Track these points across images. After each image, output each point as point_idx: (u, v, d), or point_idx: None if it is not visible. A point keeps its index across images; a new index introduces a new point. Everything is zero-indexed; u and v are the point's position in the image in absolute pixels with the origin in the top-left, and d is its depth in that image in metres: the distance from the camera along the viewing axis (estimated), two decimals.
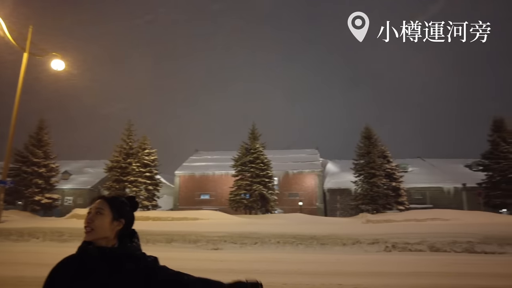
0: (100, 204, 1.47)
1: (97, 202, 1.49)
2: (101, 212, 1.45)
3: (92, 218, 1.43)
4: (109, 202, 1.50)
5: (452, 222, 15.70)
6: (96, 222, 1.42)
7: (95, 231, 1.41)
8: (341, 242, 10.77)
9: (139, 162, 28.22)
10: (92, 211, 1.46)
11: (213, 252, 10.30)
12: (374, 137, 30.33)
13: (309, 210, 35.96)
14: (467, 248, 10.10)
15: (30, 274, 6.80)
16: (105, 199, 1.51)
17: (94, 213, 1.44)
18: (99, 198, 1.52)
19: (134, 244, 1.50)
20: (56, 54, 19.29)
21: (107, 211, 1.47)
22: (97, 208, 1.46)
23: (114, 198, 1.54)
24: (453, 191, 37.49)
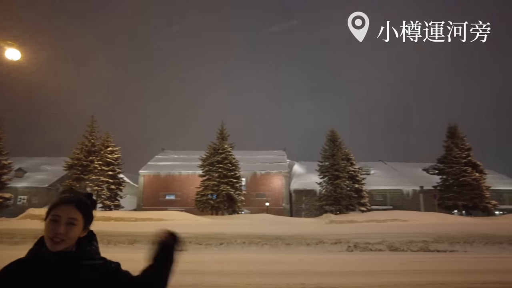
0: (73, 214, 1.31)
1: (67, 209, 1.31)
2: (74, 223, 1.30)
3: (65, 231, 1.27)
4: (82, 211, 1.35)
5: (410, 223, 16.54)
6: (69, 234, 1.28)
7: (66, 242, 1.27)
8: (305, 242, 10.98)
9: (101, 160, 27.09)
10: (61, 220, 1.28)
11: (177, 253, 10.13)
12: (338, 140, 31.30)
13: (275, 211, 36.33)
14: (422, 247, 10.68)
15: None
16: (77, 207, 1.34)
17: (66, 224, 1.28)
18: (66, 202, 1.34)
19: (93, 247, 1.38)
20: (11, 42, 18.08)
21: (81, 221, 1.33)
22: (70, 219, 1.29)
23: (85, 205, 1.38)
24: (412, 193, 39.48)
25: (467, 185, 29.85)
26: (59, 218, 1.28)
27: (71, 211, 1.31)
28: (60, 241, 1.25)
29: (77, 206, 1.34)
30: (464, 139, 32.97)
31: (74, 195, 1.38)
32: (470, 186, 29.75)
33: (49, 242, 1.26)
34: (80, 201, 1.36)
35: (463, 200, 29.70)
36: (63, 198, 1.35)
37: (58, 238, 1.25)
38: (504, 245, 11.29)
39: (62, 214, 1.29)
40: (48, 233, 1.26)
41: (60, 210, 1.30)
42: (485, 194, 29.69)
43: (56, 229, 1.26)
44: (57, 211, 1.29)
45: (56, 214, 1.29)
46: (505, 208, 36.12)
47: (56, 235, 1.25)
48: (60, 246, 1.26)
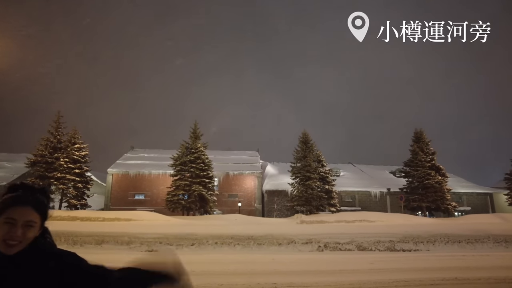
0: (31, 217, 1.21)
1: (23, 212, 1.20)
2: (32, 225, 1.21)
3: (22, 233, 1.18)
4: (40, 212, 1.25)
5: (377, 224, 17.13)
6: (26, 236, 1.19)
7: (22, 244, 1.19)
8: (277, 242, 11.09)
9: (67, 158, 25.93)
10: (17, 224, 1.18)
11: (147, 254, 9.89)
12: (310, 142, 31.90)
13: (247, 211, 36.39)
14: (389, 246, 11.09)
15: None
16: (35, 209, 1.23)
17: (23, 226, 1.19)
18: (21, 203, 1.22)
19: (48, 240, 1.31)
20: None
21: (38, 222, 1.24)
22: (27, 222, 1.20)
23: (43, 205, 1.28)
24: (379, 195, 40.91)
25: (430, 188, 31.38)
26: (15, 222, 1.18)
27: (28, 213, 1.21)
28: (15, 244, 1.17)
29: (35, 207, 1.23)
30: (429, 144, 34.66)
31: (30, 194, 1.25)
32: (433, 188, 31.30)
33: (3, 245, 1.16)
34: (38, 202, 1.26)
35: (427, 201, 31.19)
36: (18, 199, 1.22)
37: (14, 241, 1.16)
38: (462, 243, 11.99)
39: (18, 218, 1.18)
40: (2, 235, 1.16)
41: (15, 213, 1.19)
42: (447, 196, 31.36)
43: (12, 232, 1.16)
44: (12, 214, 1.19)
45: (11, 217, 1.18)
46: (463, 209, 38.36)
47: (11, 238, 1.16)
48: (15, 249, 1.17)
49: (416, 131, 35.50)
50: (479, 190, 42.76)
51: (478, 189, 43.11)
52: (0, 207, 1.21)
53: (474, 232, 12.68)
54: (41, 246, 1.26)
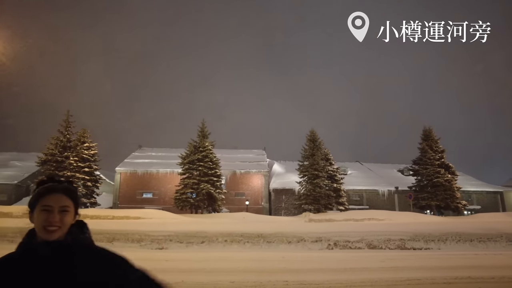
0: (65, 202, 1.28)
1: (57, 198, 1.27)
2: (67, 210, 1.27)
3: (60, 218, 1.24)
4: (72, 197, 1.32)
5: (386, 222, 17.01)
6: (64, 221, 1.25)
7: (61, 230, 1.24)
8: (287, 240, 11.08)
9: (77, 156, 26.19)
10: (54, 210, 1.24)
11: (158, 251, 9.97)
12: (318, 140, 31.71)
13: (254, 210, 36.41)
14: (399, 245, 11.02)
15: None
16: (67, 194, 1.30)
17: (59, 212, 1.25)
18: (54, 190, 1.28)
19: (86, 235, 1.35)
20: None
21: (72, 208, 1.30)
22: (62, 207, 1.26)
23: (73, 191, 1.34)
24: (387, 193, 40.61)
25: (440, 186, 31.03)
26: (52, 208, 1.24)
27: (62, 199, 1.28)
28: (55, 229, 1.23)
29: (66, 193, 1.30)
30: (438, 142, 34.27)
31: (59, 183, 1.33)
32: (443, 187, 30.95)
33: (43, 231, 1.22)
34: (68, 188, 1.33)
35: (436, 200, 30.86)
36: (50, 187, 1.29)
37: (53, 227, 1.22)
38: (474, 242, 11.85)
39: (53, 204, 1.25)
40: (40, 222, 1.22)
41: (50, 200, 1.26)
42: (457, 195, 30.99)
43: (50, 218, 1.22)
44: (48, 201, 1.25)
45: (47, 204, 1.25)
46: (473, 208, 37.90)
47: (50, 224, 1.22)
48: (55, 235, 1.23)
49: (425, 129, 35.12)
50: (489, 189, 42.21)
51: (488, 187, 42.55)
52: (35, 198, 1.28)
53: (486, 230, 12.53)
54: (80, 240, 1.30)
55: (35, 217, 1.25)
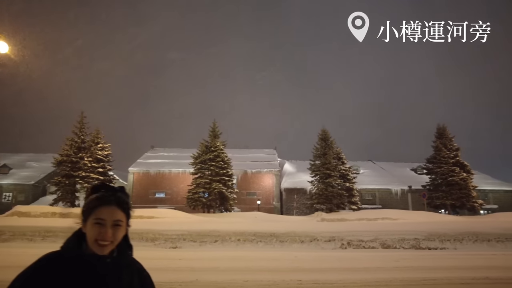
0: (118, 216, 1.25)
1: (111, 212, 1.24)
2: (120, 225, 1.25)
3: (112, 233, 1.22)
4: (125, 211, 1.29)
5: (400, 221, 16.80)
6: (116, 236, 1.24)
7: (113, 244, 1.24)
8: (299, 240, 11.05)
9: (91, 157, 26.66)
10: (106, 224, 1.22)
11: (172, 250, 10.07)
12: (330, 139, 31.48)
13: (266, 209, 36.42)
14: (414, 244, 10.87)
15: None
16: (120, 208, 1.27)
17: (111, 226, 1.23)
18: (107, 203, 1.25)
19: (129, 252, 1.35)
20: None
21: (125, 221, 1.28)
22: (115, 221, 1.24)
23: (126, 203, 1.31)
24: (400, 192, 40.09)
25: (455, 185, 30.45)
26: (104, 222, 1.22)
27: (115, 212, 1.25)
28: (107, 244, 1.22)
29: (120, 206, 1.27)
30: (452, 140, 33.61)
31: (112, 194, 1.29)
32: (458, 185, 30.35)
33: (95, 245, 1.21)
34: (121, 200, 1.29)
35: (451, 199, 30.29)
36: (103, 199, 1.26)
37: (106, 242, 1.21)
38: (492, 242, 11.59)
39: (106, 218, 1.23)
40: (94, 236, 1.21)
41: (103, 213, 1.23)
42: (472, 194, 30.35)
43: (103, 233, 1.21)
44: (101, 215, 1.23)
45: (100, 217, 1.22)
46: (489, 207, 37.06)
47: (103, 239, 1.21)
48: (107, 250, 1.22)
49: (439, 126, 34.48)
50: (506, 188, 41.22)
51: (505, 186, 41.57)
52: (87, 208, 1.25)
53: (504, 230, 12.24)
54: (127, 256, 1.32)
55: (88, 228, 1.23)
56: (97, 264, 1.21)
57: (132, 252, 1.36)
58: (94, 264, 1.21)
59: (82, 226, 1.27)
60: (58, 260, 1.21)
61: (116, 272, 1.25)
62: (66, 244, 1.26)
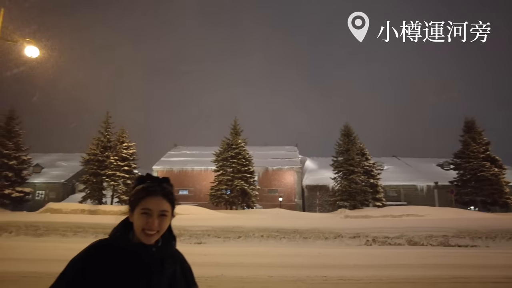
0: (164, 206, 1.28)
1: (157, 202, 1.27)
2: (165, 215, 1.28)
3: (158, 223, 1.25)
4: (170, 201, 1.32)
5: (427, 218, 16.31)
6: (162, 226, 1.27)
7: (158, 234, 1.27)
8: (323, 236, 10.96)
9: (117, 156, 27.44)
10: (153, 214, 1.25)
11: (197, 246, 10.24)
12: (353, 134, 30.88)
13: (288, 206, 36.32)
14: (442, 241, 10.54)
15: (5, 269, 6.51)
16: (166, 198, 1.30)
17: (158, 216, 1.26)
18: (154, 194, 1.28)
19: (173, 242, 1.37)
20: (30, 40, 18.43)
21: (170, 211, 1.31)
22: (162, 211, 1.27)
23: (171, 194, 1.34)
24: (426, 189, 38.94)
25: (485, 180, 29.20)
26: (151, 212, 1.25)
27: (161, 203, 1.28)
28: (154, 234, 1.25)
29: (165, 197, 1.30)
30: (482, 134, 32.19)
31: (158, 184, 1.32)
32: (489, 181, 29.08)
33: (142, 234, 1.25)
34: (167, 191, 1.32)
35: (482, 195, 29.09)
36: (150, 190, 1.29)
37: (152, 231, 1.24)
38: None
39: (153, 208, 1.26)
40: (141, 225, 1.24)
41: (150, 203, 1.26)
42: (505, 190, 29.01)
43: (150, 223, 1.24)
44: (148, 205, 1.26)
45: (147, 208, 1.25)
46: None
47: (150, 228, 1.24)
48: (153, 239, 1.26)
49: (467, 120, 33.10)
50: None
51: None
52: (135, 198, 1.29)
53: None
54: (171, 246, 1.36)
55: (135, 218, 1.27)
56: (143, 253, 1.25)
57: (175, 242, 1.39)
58: (140, 253, 1.25)
59: (129, 215, 1.31)
60: (106, 248, 1.26)
61: (160, 261, 1.29)
62: (114, 232, 1.31)
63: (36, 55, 19.07)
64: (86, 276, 1.19)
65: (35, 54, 19.06)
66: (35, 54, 19.08)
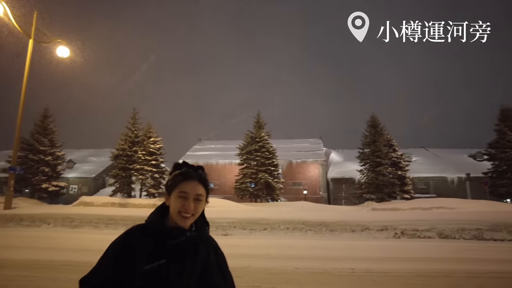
0: (199, 191, 1.35)
1: (193, 186, 1.34)
2: (200, 199, 1.35)
3: (194, 207, 1.32)
4: (205, 186, 1.39)
5: (459, 211, 15.73)
6: (197, 209, 1.34)
7: (193, 217, 1.34)
8: (350, 229, 10.81)
9: (144, 150, 28.22)
10: (189, 197, 1.32)
11: (223, 237, 10.39)
12: (380, 126, 30.11)
13: (312, 199, 36.13)
14: (476, 235, 10.13)
15: (46, 257, 6.91)
16: (201, 183, 1.37)
17: (194, 200, 1.33)
18: (190, 178, 1.35)
19: (206, 228, 1.44)
20: (61, 40, 19.19)
21: (205, 196, 1.38)
22: (197, 195, 1.34)
23: (206, 179, 1.40)
24: (457, 180, 37.50)
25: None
26: (187, 195, 1.32)
27: (197, 187, 1.34)
28: (189, 217, 1.31)
29: (201, 181, 1.37)
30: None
31: (194, 170, 1.39)
32: None
33: (178, 216, 1.31)
34: (202, 177, 1.39)
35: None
36: (187, 175, 1.36)
37: (188, 214, 1.30)
38: None
39: (189, 191, 1.32)
40: (177, 208, 1.31)
41: (187, 187, 1.33)
42: None
43: (186, 205, 1.31)
44: (184, 188, 1.33)
45: (184, 191, 1.32)
46: None
47: (186, 211, 1.30)
48: (189, 221, 1.32)
49: (503, 108, 31.41)
50: None
51: None
52: (172, 182, 1.36)
53: None
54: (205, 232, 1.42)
55: (172, 201, 1.34)
56: (177, 237, 1.31)
57: (209, 228, 1.44)
58: (175, 236, 1.31)
59: (165, 199, 1.38)
60: (143, 232, 1.33)
61: (195, 245, 1.34)
62: (151, 218, 1.37)
63: (66, 55, 19.81)
64: (124, 257, 1.27)
65: (66, 54, 19.79)
66: (66, 54, 19.81)
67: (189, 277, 1.28)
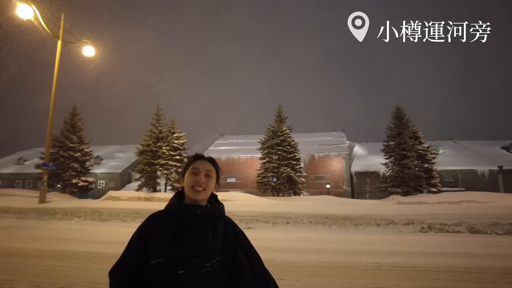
0: (209, 167, 1.51)
1: (203, 163, 1.50)
2: (210, 175, 1.49)
3: (205, 180, 1.45)
4: (215, 165, 1.55)
5: (490, 205, 15.10)
6: (208, 183, 1.46)
7: (205, 192, 1.45)
8: (375, 223, 10.64)
9: (168, 146, 28.72)
10: (200, 172, 1.46)
11: (246, 230, 10.44)
12: (405, 117, 29.21)
13: (336, 193, 35.74)
14: (509, 230, 9.72)
15: (78, 249, 7.25)
16: (211, 162, 1.54)
17: (204, 175, 1.46)
18: (201, 158, 1.53)
19: (221, 206, 1.53)
20: (87, 40, 19.82)
21: (214, 174, 1.52)
22: (207, 171, 1.49)
23: (215, 161, 1.58)
24: (488, 173, 35.93)
25: None
26: (198, 171, 1.47)
27: (207, 164, 1.51)
28: (201, 190, 1.44)
29: (210, 161, 1.55)
30: None
31: (204, 156, 1.56)
32: None
33: (191, 191, 1.44)
34: (211, 159, 1.58)
35: None
36: (198, 156, 1.56)
37: (200, 187, 1.44)
38: None
39: (200, 167, 1.48)
40: (190, 183, 1.45)
41: (198, 164, 1.50)
42: None
43: (198, 179, 1.44)
44: (196, 165, 1.49)
45: (196, 167, 1.48)
46: None
47: (198, 184, 1.43)
48: (201, 195, 1.44)
49: None
50: None
51: None
52: (186, 164, 1.54)
53: None
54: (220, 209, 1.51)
55: (185, 179, 1.48)
56: (194, 211, 1.41)
57: (223, 206, 1.54)
58: (192, 212, 1.41)
59: (181, 181, 1.54)
60: (164, 214, 1.46)
61: (212, 220, 1.43)
62: (169, 201, 1.50)
63: (92, 54, 20.42)
64: (149, 237, 1.38)
65: (92, 54, 20.40)
66: (92, 53, 20.42)
67: (209, 251, 1.36)
